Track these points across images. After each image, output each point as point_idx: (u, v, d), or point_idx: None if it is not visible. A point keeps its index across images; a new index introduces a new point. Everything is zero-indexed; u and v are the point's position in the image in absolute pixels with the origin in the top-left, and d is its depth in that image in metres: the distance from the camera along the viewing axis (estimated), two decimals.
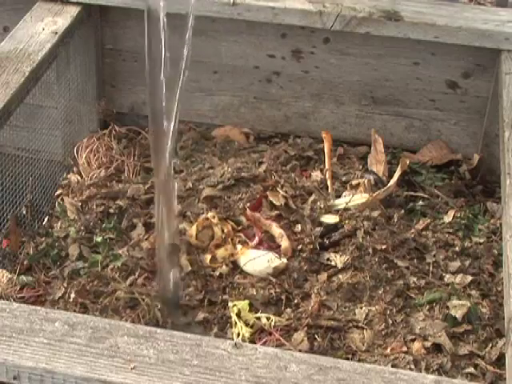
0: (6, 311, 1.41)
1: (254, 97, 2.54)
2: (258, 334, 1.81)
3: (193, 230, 2.04)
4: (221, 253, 2.01)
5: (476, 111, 2.42)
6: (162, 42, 1.60)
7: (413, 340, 1.81)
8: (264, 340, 1.78)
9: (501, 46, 2.23)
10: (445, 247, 2.07)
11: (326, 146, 2.31)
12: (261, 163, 2.34)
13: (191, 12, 1.63)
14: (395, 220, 2.13)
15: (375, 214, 2.11)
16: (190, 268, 1.97)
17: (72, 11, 2.34)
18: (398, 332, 1.84)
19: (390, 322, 1.86)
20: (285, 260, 1.99)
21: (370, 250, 2.00)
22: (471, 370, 1.76)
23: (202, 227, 2.05)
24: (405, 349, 1.78)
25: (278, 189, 2.19)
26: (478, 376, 1.74)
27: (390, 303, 1.90)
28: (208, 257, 2.00)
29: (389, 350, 1.79)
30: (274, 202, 2.14)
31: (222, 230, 2.05)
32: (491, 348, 1.80)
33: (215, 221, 2.06)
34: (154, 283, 1.93)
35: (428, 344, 1.80)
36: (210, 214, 2.08)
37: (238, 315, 1.83)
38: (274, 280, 1.95)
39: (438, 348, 1.80)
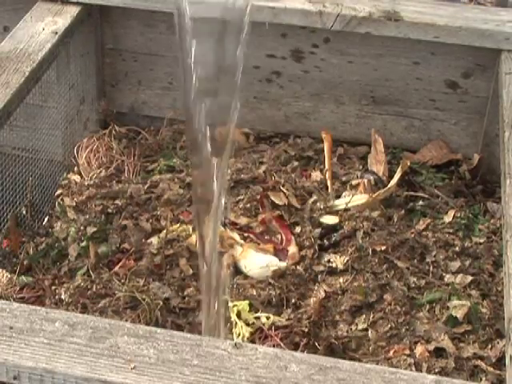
0: (6, 311, 1.41)
1: (254, 97, 2.54)
2: (258, 333, 1.81)
3: (193, 238, 2.03)
4: (223, 258, 2.01)
5: (476, 111, 2.42)
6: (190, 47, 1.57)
7: (415, 342, 1.81)
8: (265, 344, 1.77)
9: (501, 46, 2.23)
10: (445, 247, 2.07)
11: (326, 146, 2.31)
12: (261, 163, 2.34)
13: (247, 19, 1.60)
14: (395, 220, 2.13)
15: (375, 214, 2.11)
16: (190, 271, 1.97)
17: (72, 11, 2.34)
18: (399, 334, 1.84)
19: (391, 323, 1.86)
20: (284, 264, 1.99)
21: (370, 251, 2.00)
22: (472, 370, 1.76)
23: None
24: (407, 351, 1.78)
25: (281, 187, 2.19)
26: (478, 376, 1.75)
27: (390, 304, 1.90)
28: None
29: (391, 352, 1.78)
30: (277, 202, 2.14)
31: (222, 234, 2.04)
32: (491, 348, 1.80)
33: None
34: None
35: (430, 347, 1.80)
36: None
37: (238, 315, 1.83)
38: (273, 282, 1.95)
39: (440, 350, 1.80)
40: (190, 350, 1.35)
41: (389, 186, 2.21)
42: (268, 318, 1.83)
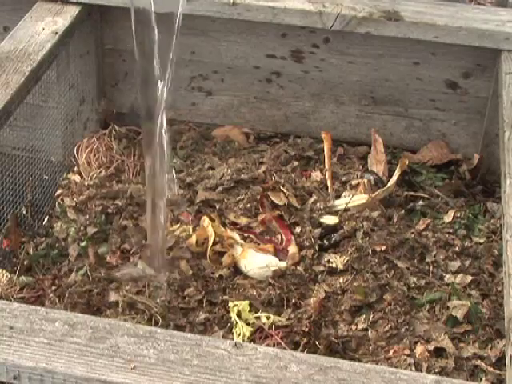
0: (6, 311, 1.41)
1: (254, 97, 2.54)
2: (259, 333, 1.81)
3: (193, 239, 2.03)
4: (223, 259, 2.01)
5: (476, 111, 2.42)
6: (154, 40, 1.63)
7: (415, 342, 1.81)
8: (266, 343, 1.78)
9: (501, 46, 2.23)
10: (445, 247, 2.07)
11: (326, 146, 2.31)
12: (261, 163, 2.34)
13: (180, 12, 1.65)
14: (395, 220, 2.13)
15: (375, 214, 2.11)
16: (190, 272, 1.97)
17: (72, 11, 2.34)
18: (399, 334, 1.84)
19: (391, 323, 1.86)
20: (284, 263, 1.99)
21: (370, 251, 2.00)
22: (472, 370, 1.76)
23: (202, 231, 2.05)
24: (407, 351, 1.78)
25: (281, 187, 2.19)
26: (478, 376, 1.75)
27: (390, 304, 1.90)
28: (209, 262, 2.00)
29: (391, 352, 1.78)
30: (277, 202, 2.14)
31: (222, 234, 2.05)
32: (491, 348, 1.80)
33: (215, 224, 2.06)
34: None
35: (430, 347, 1.80)
36: (209, 218, 2.08)
37: (239, 315, 1.83)
38: (273, 282, 1.95)
39: (440, 350, 1.80)
40: (189, 350, 1.36)
41: (388, 185, 2.21)
42: (268, 317, 1.83)
